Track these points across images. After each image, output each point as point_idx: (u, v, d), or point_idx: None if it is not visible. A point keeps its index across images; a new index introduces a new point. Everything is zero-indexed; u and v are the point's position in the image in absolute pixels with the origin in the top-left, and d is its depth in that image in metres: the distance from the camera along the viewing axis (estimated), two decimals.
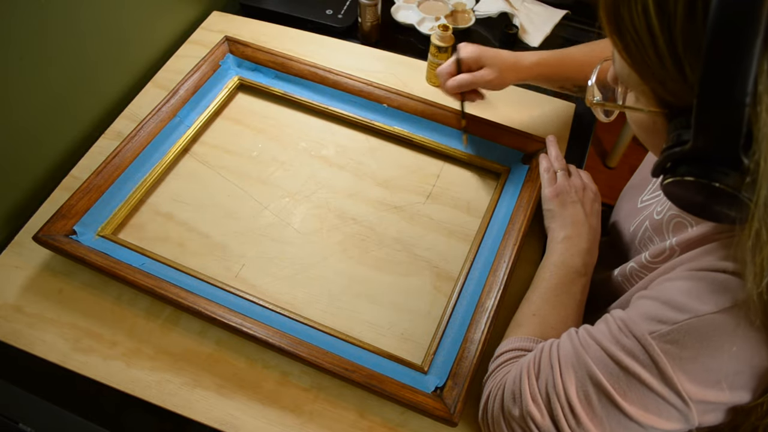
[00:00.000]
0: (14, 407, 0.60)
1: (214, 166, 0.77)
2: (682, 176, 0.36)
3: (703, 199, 0.37)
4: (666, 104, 0.39)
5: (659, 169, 0.39)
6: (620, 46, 0.39)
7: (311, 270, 0.69)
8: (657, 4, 0.35)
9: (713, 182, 0.34)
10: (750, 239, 0.35)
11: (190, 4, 0.95)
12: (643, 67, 0.38)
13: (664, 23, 0.35)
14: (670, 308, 0.43)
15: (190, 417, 0.59)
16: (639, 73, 0.39)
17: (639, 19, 0.36)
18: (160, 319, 0.65)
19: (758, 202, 0.33)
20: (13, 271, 0.68)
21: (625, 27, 0.38)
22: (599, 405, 0.45)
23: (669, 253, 0.52)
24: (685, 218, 0.52)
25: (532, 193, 0.71)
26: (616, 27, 0.39)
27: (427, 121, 0.79)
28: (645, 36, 0.36)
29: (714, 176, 0.34)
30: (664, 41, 0.35)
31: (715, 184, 0.34)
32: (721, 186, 0.34)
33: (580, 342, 0.48)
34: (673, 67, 0.36)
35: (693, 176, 0.35)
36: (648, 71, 0.38)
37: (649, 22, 0.36)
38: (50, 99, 0.74)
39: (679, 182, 0.37)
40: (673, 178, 0.37)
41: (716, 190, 0.35)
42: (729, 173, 0.34)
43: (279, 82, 0.84)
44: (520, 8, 1.00)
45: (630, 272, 0.58)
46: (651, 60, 0.37)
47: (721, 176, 0.34)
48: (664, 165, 0.38)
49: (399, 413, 0.60)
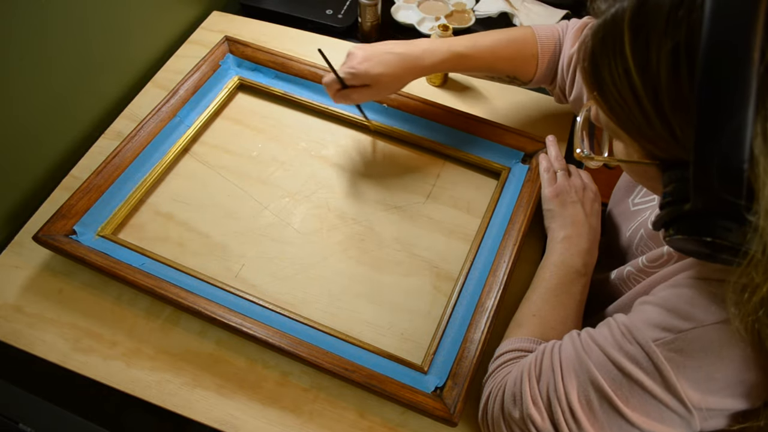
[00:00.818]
0: (14, 407, 0.60)
1: (214, 166, 0.77)
2: (685, 235, 0.36)
3: (708, 251, 0.36)
4: (657, 157, 0.39)
5: (660, 223, 0.38)
6: (605, 107, 0.39)
7: (311, 270, 0.69)
8: (638, 66, 0.34)
9: (717, 239, 0.34)
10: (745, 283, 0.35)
11: (190, 4, 0.95)
12: (629, 126, 0.38)
13: (648, 84, 0.34)
14: (674, 316, 0.42)
15: (190, 417, 0.59)
16: (626, 131, 0.39)
17: (621, 81, 0.36)
18: (160, 319, 0.65)
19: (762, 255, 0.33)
20: (13, 271, 0.68)
21: (607, 89, 0.37)
22: (601, 410, 0.44)
23: (667, 258, 0.52)
24: None
25: (532, 193, 0.71)
26: (598, 89, 0.38)
27: (427, 121, 0.79)
28: (629, 97, 0.36)
29: (717, 233, 0.34)
30: (649, 102, 0.35)
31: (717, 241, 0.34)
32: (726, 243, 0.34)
33: (583, 346, 0.47)
34: (661, 126, 0.36)
35: (696, 235, 0.35)
36: (635, 130, 0.38)
37: (632, 84, 0.35)
38: (50, 99, 0.74)
39: (684, 240, 0.36)
40: (676, 237, 0.37)
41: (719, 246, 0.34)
42: (732, 229, 0.33)
43: (279, 82, 0.84)
44: (520, 8, 1.00)
45: (627, 275, 0.58)
46: (637, 120, 0.37)
47: (725, 233, 0.34)
48: (665, 220, 0.38)
49: (399, 413, 0.60)
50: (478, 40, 0.71)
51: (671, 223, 0.37)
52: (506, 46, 0.72)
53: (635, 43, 0.35)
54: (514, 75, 0.74)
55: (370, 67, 0.67)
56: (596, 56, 0.38)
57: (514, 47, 0.72)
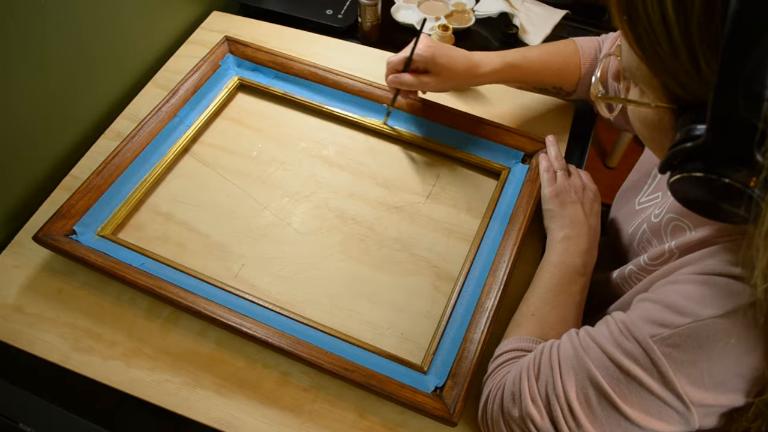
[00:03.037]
0: (14, 407, 0.60)
1: (214, 165, 0.77)
2: (691, 172, 0.35)
3: (711, 198, 0.36)
4: (675, 99, 0.38)
5: (667, 165, 0.38)
6: (632, 37, 0.38)
7: (311, 270, 0.69)
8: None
9: (724, 178, 0.34)
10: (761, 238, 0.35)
11: (190, 4, 0.95)
12: (654, 59, 0.37)
13: (681, 14, 0.34)
14: (671, 312, 0.43)
15: (189, 417, 0.59)
16: (649, 65, 0.38)
17: (654, 9, 0.35)
18: (160, 319, 0.65)
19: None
20: (13, 271, 0.68)
21: (638, 16, 0.37)
22: (599, 407, 0.45)
23: (668, 255, 0.52)
24: (684, 221, 0.52)
25: (532, 193, 0.71)
26: (628, 17, 0.38)
27: (427, 121, 0.79)
28: (659, 27, 0.35)
29: (725, 172, 0.34)
30: (679, 33, 0.35)
31: (725, 179, 0.34)
32: (732, 182, 0.33)
33: (581, 344, 0.47)
34: (688, 59, 0.35)
35: (703, 172, 0.35)
36: (660, 64, 0.37)
37: (665, 13, 0.35)
38: (50, 99, 0.74)
39: (687, 179, 0.36)
40: (682, 175, 0.36)
41: (726, 188, 0.34)
42: (741, 169, 0.33)
43: (279, 82, 0.84)
44: (520, 8, 1.00)
45: (629, 274, 0.58)
46: (664, 52, 0.36)
47: (733, 172, 0.33)
48: (672, 162, 0.37)
49: (399, 413, 0.60)
50: (526, 52, 0.75)
51: (679, 163, 0.37)
52: (553, 57, 0.75)
53: None
54: (560, 85, 0.77)
55: (438, 56, 0.70)
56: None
57: (560, 58, 0.75)
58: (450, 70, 0.71)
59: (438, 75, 0.71)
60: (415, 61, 0.71)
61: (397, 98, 0.77)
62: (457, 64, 0.71)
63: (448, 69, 0.71)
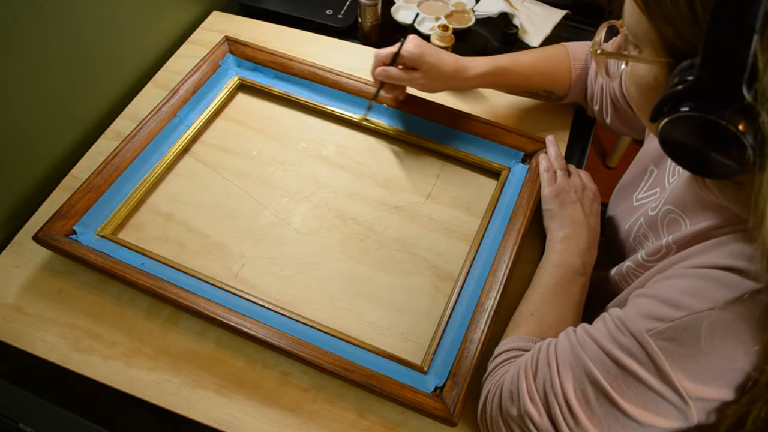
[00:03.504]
0: (14, 407, 0.60)
1: (214, 165, 0.77)
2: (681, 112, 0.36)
3: (700, 143, 0.36)
4: (672, 53, 0.39)
5: (657, 112, 0.38)
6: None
7: (311, 270, 0.69)
8: None
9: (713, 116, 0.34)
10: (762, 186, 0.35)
11: (190, 4, 0.95)
12: (654, 8, 0.38)
13: None
14: (667, 306, 0.43)
15: (189, 417, 0.59)
16: (650, 16, 0.39)
17: None
18: (160, 319, 0.65)
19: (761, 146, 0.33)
20: (13, 271, 0.68)
21: None
22: (597, 404, 0.45)
23: (665, 251, 0.52)
24: (680, 214, 0.52)
25: (532, 193, 0.71)
26: None
27: (427, 121, 0.79)
28: None
29: (715, 110, 0.34)
30: None
31: (714, 118, 0.34)
32: (720, 120, 0.34)
33: (578, 341, 0.48)
34: (686, 4, 0.36)
35: (692, 110, 0.35)
36: (659, 12, 0.38)
37: None
38: (50, 99, 0.74)
39: (676, 121, 0.36)
40: (671, 117, 0.36)
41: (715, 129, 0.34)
42: (730, 108, 0.33)
43: (279, 82, 0.84)
44: (520, 8, 1.00)
45: (627, 271, 0.58)
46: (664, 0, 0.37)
47: (722, 111, 0.34)
48: (662, 107, 0.38)
49: (399, 413, 0.60)
50: (516, 57, 0.76)
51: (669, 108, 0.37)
52: (543, 60, 0.76)
53: None
54: (551, 89, 0.78)
55: (426, 54, 0.71)
56: None
57: (549, 62, 0.76)
58: (438, 69, 0.71)
59: (426, 72, 0.71)
60: (403, 57, 0.71)
61: (380, 92, 0.77)
62: (445, 64, 0.72)
63: (437, 68, 0.71)
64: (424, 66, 0.71)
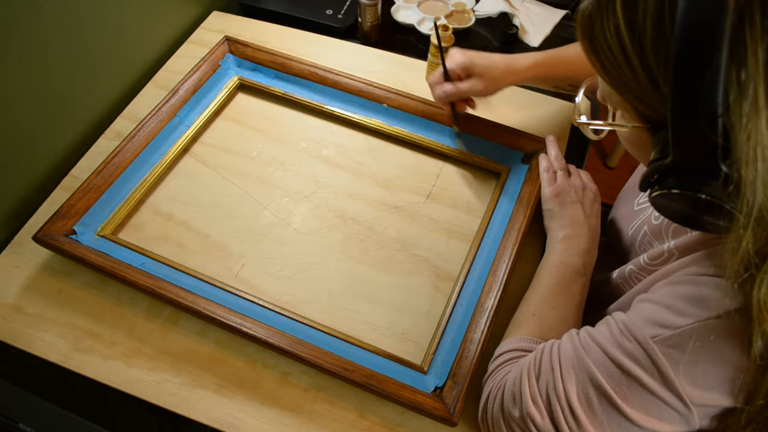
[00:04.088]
0: (14, 407, 0.60)
1: (213, 165, 0.77)
2: (666, 189, 0.36)
3: (690, 210, 0.37)
4: (648, 120, 0.40)
5: (645, 183, 0.39)
6: (597, 65, 0.40)
7: (311, 270, 0.69)
8: (627, 22, 0.36)
9: (697, 193, 0.35)
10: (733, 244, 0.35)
11: (190, 4, 0.95)
12: (620, 84, 0.39)
13: (635, 40, 0.36)
14: (672, 312, 0.43)
15: (189, 417, 0.59)
16: (617, 90, 0.40)
17: (612, 37, 0.37)
18: (160, 319, 0.65)
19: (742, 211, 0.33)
20: (13, 271, 0.68)
21: (599, 46, 0.38)
22: (600, 408, 0.45)
23: (667, 256, 0.52)
24: None
25: (531, 193, 0.71)
26: (591, 47, 0.39)
27: (427, 121, 0.79)
28: (618, 54, 0.37)
29: (697, 187, 0.35)
30: (636, 58, 0.36)
31: (699, 195, 0.34)
32: (705, 197, 0.34)
33: (582, 344, 0.47)
34: (648, 82, 0.37)
35: (677, 188, 0.36)
36: (625, 88, 0.39)
37: (621, 40, 0.36)
38: (50, 99, 0.74)
39: (665, 195, 0.37)
40: (659, 192, 0.37)
41: (701, 201, 0.35)
42: (711, 183, 0.34)
43: (279, 82, 0.84)
44: (520, 8, 1.00)
45: (629, 274, 0.58)
46: (626, 77, 0.38)
47: (704, 187, 0.34)
48: (649, 179, 0.39)
49: (399, 413, 0.60)
50: (561, 49, 0.74)
51: (654, 181, 0.38)
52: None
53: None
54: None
55: (474, 58, 0.70)
56: (591, 16, 0.39)
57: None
58: (491, 69, 0.71)
59: (482, 76, 0.71)
60: (454, 71, 0.71)
61: (457, 116, 0.76)
62: (496, 63, 0.71)
63: (490, 69, 0.71)
64: (477, 70, 0.70)
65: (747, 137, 0.32)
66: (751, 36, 0.31)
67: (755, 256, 0.35)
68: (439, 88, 0.72)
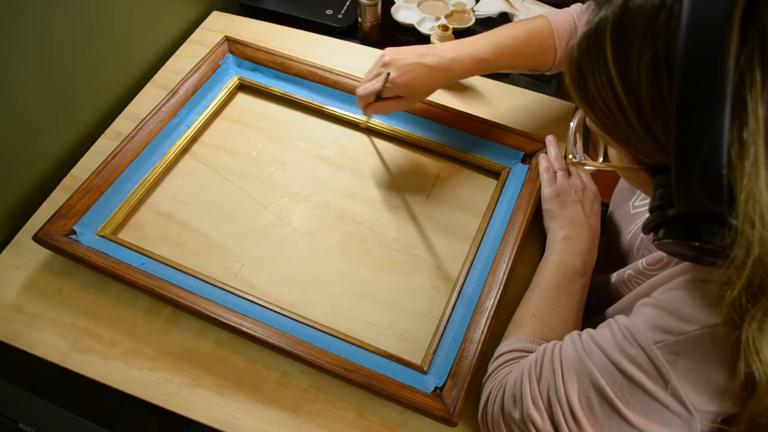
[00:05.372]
0: (14, 407, 0.60)
1: (213, 165, 0.77)
2: (671, 238, 0.36)
3: (694, 254, 0.37)
4: (645, 163, 0.39)
5: (649, 228, 0.39)
6: (591, 114, 0.39)
7: (311, 270, 0.69)
8: (620, 75, 0.35)
9: (702, 243, 0.35)
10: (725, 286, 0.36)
11: (190, 4, 0.95)
12: (615, 133, 0.39)
13: (630, 94, 0.35)
14: (675, 319, 0.42)
15: (189, 417, 0.59)
16: (612, 138, 0.40)
17: (605, 90, 0.36)
18: (160, 319, 0.65)
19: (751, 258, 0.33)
20: (13, 271, 0.68)
21: (592, 97, 0.38)
22: (601, 412, 0.44)
23: (666, 261, 0.52)
24: None
25: (532, 193, 0.71)
26: (584, 97, 0.39)
27: (427, 121, 0.79)
28: (613, 107, 0.37)
29: (702, 237, 0.35)
30: (631, 110, 0.36)
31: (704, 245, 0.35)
32: (710, 246, 0.34)
33: (583, 346, 0.47)
34: (645, 134, 0.36)
35: (682, 238, 0.36)
36: (621, 138, 0.38)
37: (616, 94, 0.36)
38: (50, 99, 0.74)
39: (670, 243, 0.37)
40: (665, 240, 0.37)
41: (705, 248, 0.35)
42: (717, 232, 0.34)
43: (279, 82, 0.84)
44: (520, 8, 1.00)
45: (627, 278, 0.58)
46: (622, 128, 0.37)
47: (710, 237, 0.34)
48: (652, 225, 0.38)
49: (399, 413, 0.60)
50: (498, 42, 0.71)
51: (659, 227, 0.38)
52: (526, 42, 0.72)
53: (617, 52, 0.35)
54: (535, 68, 0.75)
55: (408, 80, 0.68)
56: (581, 66, 0.38)
57: (533, 43, 0.72)
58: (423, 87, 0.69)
59: (412, 95, 0.69)
60: (390, 91, 0.68)
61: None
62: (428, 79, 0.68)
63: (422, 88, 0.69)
64: (408, 92, 0.68)
65: (746, 197, 0.32)
66: (751, 95, 0.31)
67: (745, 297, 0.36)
68: (362, 102, 0.70)
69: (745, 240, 0.33)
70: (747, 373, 0.38)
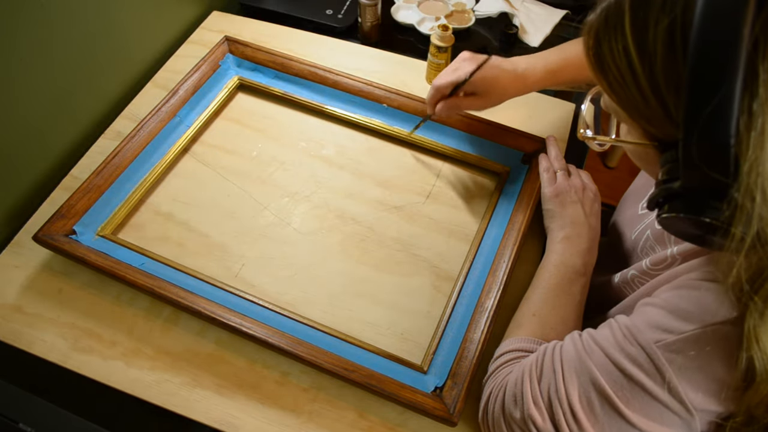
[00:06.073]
0: (14, 407, 0.60)
1: (213, 165, 0.77)
2: (674, 212, 0.36)
3: (696, 230, 0.37)
4: (655, 138, 0.39)
5: (653, 203, 0.39)
6: (604, 84, 0.40)
7: (311, 270, 0.69)
8: (637, 44, 0.35)
9: (705, 218, 0.34)
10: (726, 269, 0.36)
11: (190, 4, 0.95)
12: (628, 104, 0.39)
13: (645, 62, 0.35)
14: (676, 318, 0.42)
15: (189, 417, 0.59)
16: (625, 110, 0.40)
17: (620, 58, 0.36)
18: (160, 319, 0.65)
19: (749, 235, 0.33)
20: (13, 271, 0.68)
21: (607, 66, 0.38)
22: (601, 411, 0.44)
23: (670, 261, 0.52)
24: None
25: (531, 193, 0.71)
26: (599, 66, 0.39)
27: (428, 121, 0.79)
28: (627, 75, 0.37)
29: (706, 212, 0.34)
30: (646, 80, 0.36)
31: (707, 219, 0.34)
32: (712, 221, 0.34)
33: (584, 347, 0.47)
34: (657, 105, 0.36)
35: (685, 213, 0.35)
36: (633, 108, 0.38)
37: (630, 61, 0.36)
38: (50, 99, 0.74)
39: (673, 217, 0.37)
40: (667, 214, 0.37)
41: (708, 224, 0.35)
42: (720, 208, 0.34)
43: (279, 82, 0.84)
44: (520, 8, 1.00)
45: (631, 278, 0.58)
46: (635, 98, 0.37)
47: (713, 211, 0.34)
48: (657, 200, 0.38)
49: (398, 413, 0.60)
50: (567, 54, 0.71)
51: (663, 202, 0.38)
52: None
53: (635, 20, 0.35)
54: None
55: (488, 77, 0.67)
56: (599, 34, 0.38)
57: None
58: (501, 87, 0.68)
59: (488, 95, 0.68)
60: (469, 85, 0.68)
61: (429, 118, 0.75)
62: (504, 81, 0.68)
63: (500, 87, 0.68)
64: (483, 88, 0.68)
65: (749, 168, 0.32)
66: (764, 66, 0.31)
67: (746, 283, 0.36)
68: (437, 95, 0.69)
69: (745, 215, 0.32)
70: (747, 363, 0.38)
